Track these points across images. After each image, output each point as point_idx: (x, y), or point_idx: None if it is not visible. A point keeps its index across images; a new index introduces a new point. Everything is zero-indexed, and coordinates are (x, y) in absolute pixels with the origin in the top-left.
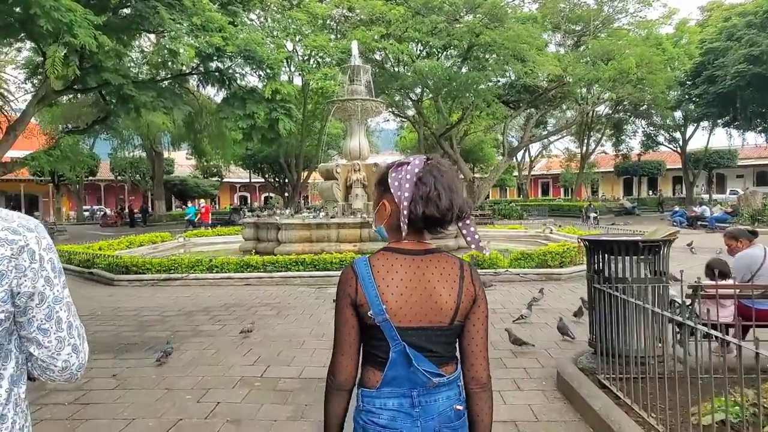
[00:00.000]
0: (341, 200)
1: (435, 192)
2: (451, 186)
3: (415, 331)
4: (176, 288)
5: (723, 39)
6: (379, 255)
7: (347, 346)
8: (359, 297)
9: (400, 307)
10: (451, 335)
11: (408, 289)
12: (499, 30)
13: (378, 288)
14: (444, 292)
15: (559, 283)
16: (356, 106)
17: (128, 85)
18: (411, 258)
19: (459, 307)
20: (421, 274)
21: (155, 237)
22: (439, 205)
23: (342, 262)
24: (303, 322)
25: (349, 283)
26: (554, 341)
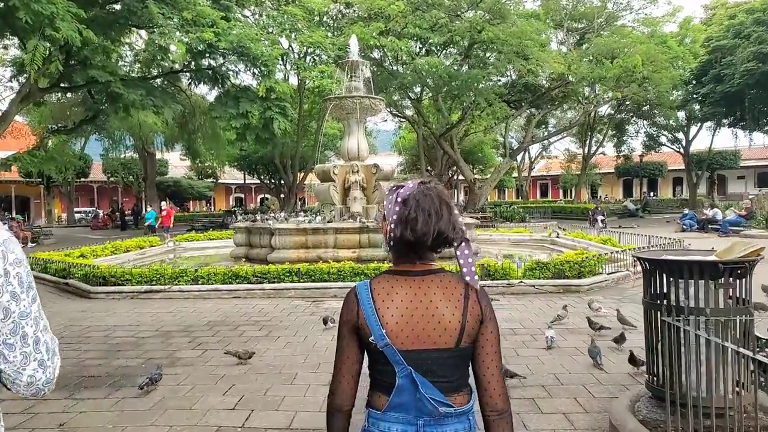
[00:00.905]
0: (339, 203)
1: (413, 215)
2: (431, 209)
3: (420, 354)
4: (158, 302)
5: (730, 37)
6: (380, 278)
7: (345, 371)
8: (360, 321)
9: (401, 329)
10: (459, 359)
11: (408, 310)
12: (502, 26)
13: (378, 311)
14: (447, 312)
15: (579, 297)
16: (354, 103)
17: (116, 83)
18: (411, 279)
19: (464, 328)
20: (423, 294)
21: (143, 242)
22: (415, 229)
23: (340, 273)
24: (296, 346)
25: (350, 308)
26: (591, 373)
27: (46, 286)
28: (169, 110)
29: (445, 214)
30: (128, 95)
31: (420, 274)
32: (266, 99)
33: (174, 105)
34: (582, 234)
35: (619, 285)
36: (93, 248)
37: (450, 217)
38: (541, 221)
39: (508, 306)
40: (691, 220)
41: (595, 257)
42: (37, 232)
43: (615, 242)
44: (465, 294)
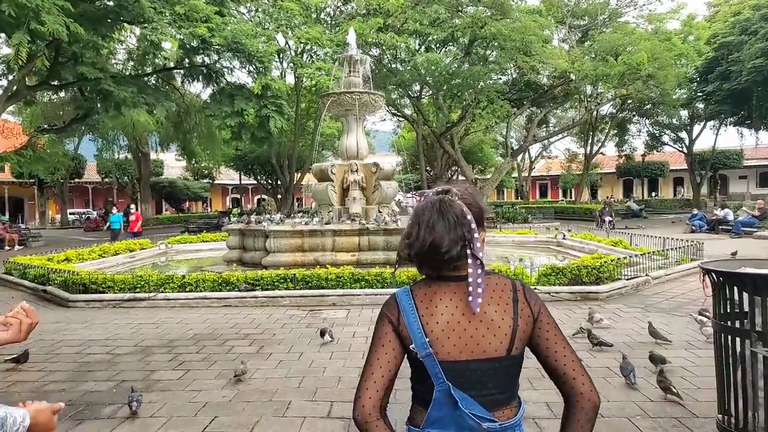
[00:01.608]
0: (337, 204)
1: (409, 229)
2: (427, 223)
3: (466, 365)
4: (141, 311)
5: (736, 33)
6: (422, 284)
7: (376, 371)
8: (402, 327)
9: (447, 336)
10: (510, 368)
11: (454, 316)
12: (505, 22)
13: (421, 318)
14: (496, 316)
15: (597, 305)
16: (353, 99)
17: (106, 80)
18: (455, 284)
19: (516, 332)
20: (467, 299)
21: (133, 244)
22: (410, 243)
23: (339, 279)
24: (290, 366)
25: (391, 312)
26: (633, 401)
27: (25, 293)
28: (162, 108)
29: (441, 228)
30: (119, 92)
31: (459, 279)
32: (262, 97)
33: (167, 103)
34: (590, 235)
35: (639, 292)
36: (79, 251)
37: (449, 232)
38: (544, 222)
39: None
40: (701, 220)
41: (614, 261)
42: (25, 234)
43: (627, 244)
44: (513, 297)
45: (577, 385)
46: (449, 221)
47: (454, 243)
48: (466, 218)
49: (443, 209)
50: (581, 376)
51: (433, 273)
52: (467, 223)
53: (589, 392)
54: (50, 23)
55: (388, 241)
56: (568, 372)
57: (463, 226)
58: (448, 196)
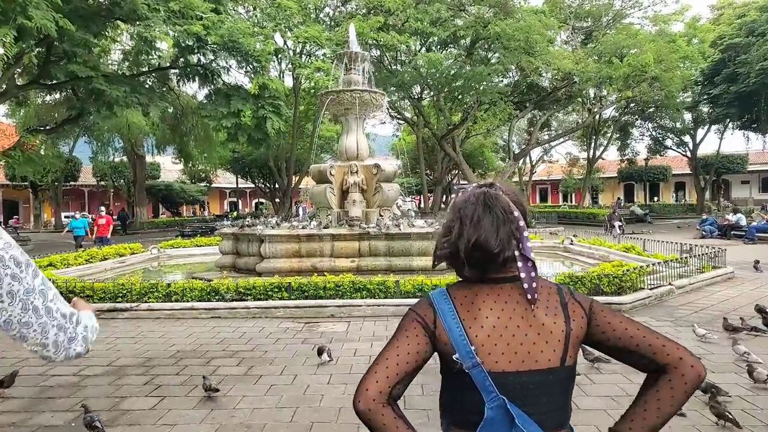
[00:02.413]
0: (336, 207)
1: (450, 224)
2: (471, 218)
3: (517, 377)
4: (122, 323)
5: (743, 35)
6: (460, 285)
7: (391, 357)
8: (440, 332)
9: (494, 344)
10: (565, 382)
11: (501, 321)
12: (508, 21)
13: (464, 323)
14: (548, 320)
15: None
16: (353, 97)
17: (98, 79)
18: (499, 287)
19: (570, 336)
20: (515, 302)
21: (124, 249)
22: (450, 240)
23: (338, 288)
24: (281, 392)
25: (424, 313)
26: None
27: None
28: (156, 108)
29: (487, 224)
30: (111, 92)
31: (508, 281)
32: (259, 97)
33: (161, 103)
34: (599, 241)
35: (663, 303)
36: (64, 256)
37: (496, 228)
38: (547, 227)
39: None
40: (712, 225)
41: (637, 270)
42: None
43: (640, 250)
44: (561, 301)
45: (673, 353)
46: (497, 216)
47: (507, 241)
48: (513, 214)
49: (489, 202)
50: (671, 344)
51: (476, 275)
52: (515, 220)
53: (691, 358)
54: (38, 18)
55: (390, 246)
56: (655, 344)
57: (511, 223)
58: (492, 189)
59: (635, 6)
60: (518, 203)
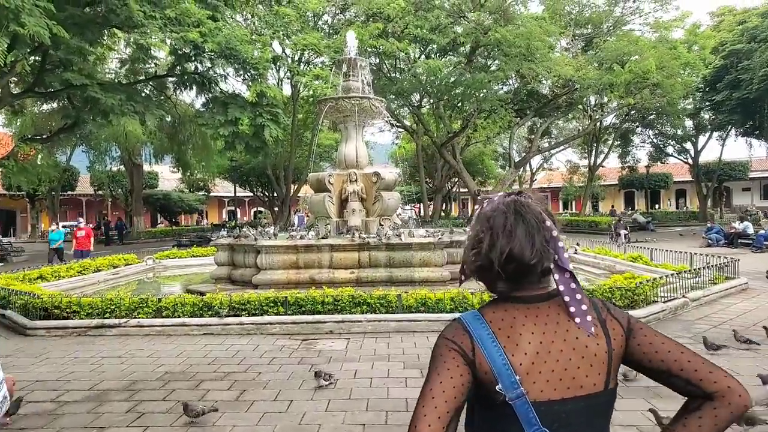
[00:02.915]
0: (335, 216)
1: (480, 236)
2: (503, 227)
3: (562, 405)
4: (110, 340)
5: (745, 41)
6: (494, 307)
7: (438, 395)
8: (480, 362)
9: (538, 371)
10: (607, 408)
11: (543, 345)
12: (509, 27)
13: (504, 349)
14: (590, 341)
15: None
16: (353, 104)
17: (93, 87)
18: (535, 306)
19: (612, 358)
20: (555, 323)
21: (118, 260)
22: (480, 252)
23: (337, 303)
24: (275, 420)
25: (461, 341)
26: None
27: None
28: (152, 116)
29: (521, 233)
30: (106, 100)
31: (543, 299)
32: (257, 105)
33: (157, 111)
34: (605, 250)
35: (678, 316)
36: (55, 268)
37: (531, 237)
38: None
39: None
40: (718, 233)
41: (651, 282)
42: (6, 248)
43: (647, 260)
44: (599, 317)
45: (721, 381)
46: (531, 224)
47: (543, 250)
48: (545, 223)
49: (521, 210)
50: (719, 371)
51: (510, 291)
52: (549, 229)
53: (739, 387)
54: (31, 25)
55: (390, 257)
56: (701, 370)
57: (545, 232)
58: (522, 197)
59: (636, 13)
60: (548, 212)
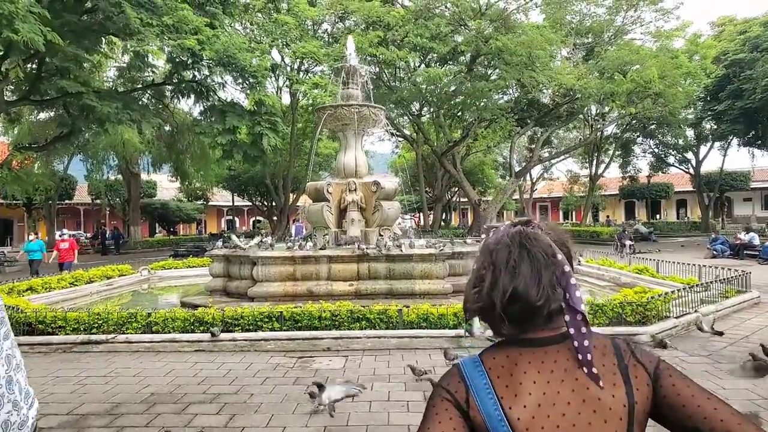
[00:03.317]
0: (333, 226)
1: (481, 272)
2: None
3: None
4: (96, 357)
5: (747, 50)
6: (494, 352)
7: None
8: (474, 414)
9: (540, 426)
10: None
11: (548, 397)
12: (510, 36)
13: (501, 401)
14: (605, 394)
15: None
16: (352, 112)
17: (89, 95)
18: (542, 351)
19: (633, 412)
20: (563, 371)
21: (111, 270)
22: (481, 291)
23: (335, 318)
24: None
25: (455, 389)
26: None
27: None
28: (148, 125)
29: (526, 269)
30: (102, 108)
31: (551, 342)
32: (255, 113)
33: (153, 119)
34: (609, 261)
35: (691, 333)
36: (46, 279)
37: (537, 274)
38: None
39: None
40: (723, 245)
41: (663, 297)
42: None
43: (653, 272)
44: (618, 361)
45: None
46: (538, 260)
47: (551, 290)
48: (556, 257)
49: (527, 243)
50: None
51: (516, 332)
52: (559, 264)
53: None
54: (25, 32)
55: (390, 268)
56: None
57: (554, 268)
58: (530, 227)
59: (637, 22)
60: (561, 243)
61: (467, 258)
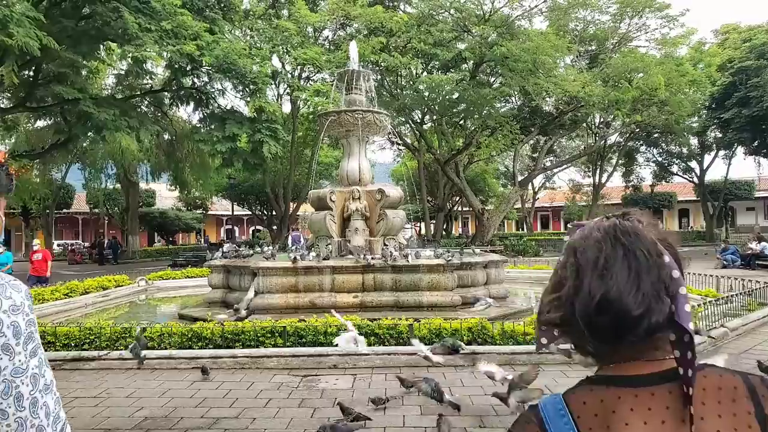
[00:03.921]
0: (337, 236)
1: (564, 274)
2: (596, 263)
3: None
4: (87, 375)
5: (753, 58)
6: (585, 393)
7: None
8: None
9: None
10: None
11: None
12: (514, 42)
13: None
14: None
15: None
16: (356, 118)
17: (86, 101)
18: (648, 393)
19: None
20: (679, 421)
21: (108, 281)
22: (571, 301)
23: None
24: None
25: None
26: None
27: None
28: (146, 132)
29: (622, 271)
30: (99, 114)
31: (659, 380)
32: (255, 121)
33: (152, 127)
34: None
35: (720, 347)
36: (39, 290)
37: (637, 278)
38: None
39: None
40: (734, 255)
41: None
42: None
43: None
44: (755, 407)
45: None
46: (638, 259)
47: (654, 298)
48: (662, 258)
49: (624, 239)
50: None
51: (605, 353)
52: (666, 268)
53: None
54: (20, 36)
55: (396, 279)
56: None
57: (659, 270)
58: (628, 220)
59: (641, 29)
60: (666, 243)
61: (476, 269)
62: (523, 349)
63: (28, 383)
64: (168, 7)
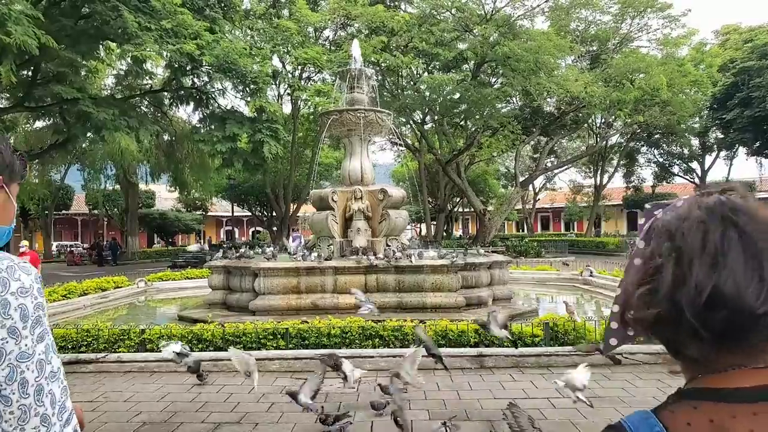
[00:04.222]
0: (338, 236)
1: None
2: (703, 247)
3: None
4: (85, 379)
5: (755, 58)
6: (684, 409)
7: None
8: None
9: None
10: None
11: None
12: (517, 42)
13: None
14: None
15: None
16: (358, 117)
17: (85, 101)
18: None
19: None
20: None
21: (106, 282)
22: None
23: (345, 335)
24: None
25: None
26: None
27: None
28: (146, 132)
29: (736, 257)
30: (98, 114)
31: None
32: (256, 120)
33: (151, 127)
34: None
35: None
36: None
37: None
38: (558, 256)
39: (600, 391)
40: None
41: None
42: None
43: None
44: None
45: None
46: (754, 243)
47: (759, 289)
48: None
49: (735, 219)
50: None
51: (711, 363)
52: None
53: None
54: (18, 34)
55: (399, 280)
56: None
57: None
58: (732, 197)
59: (643, 29)
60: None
61: (480, 269)
62: (531, 351)
63: (34, 369)
64: (168, 6)
